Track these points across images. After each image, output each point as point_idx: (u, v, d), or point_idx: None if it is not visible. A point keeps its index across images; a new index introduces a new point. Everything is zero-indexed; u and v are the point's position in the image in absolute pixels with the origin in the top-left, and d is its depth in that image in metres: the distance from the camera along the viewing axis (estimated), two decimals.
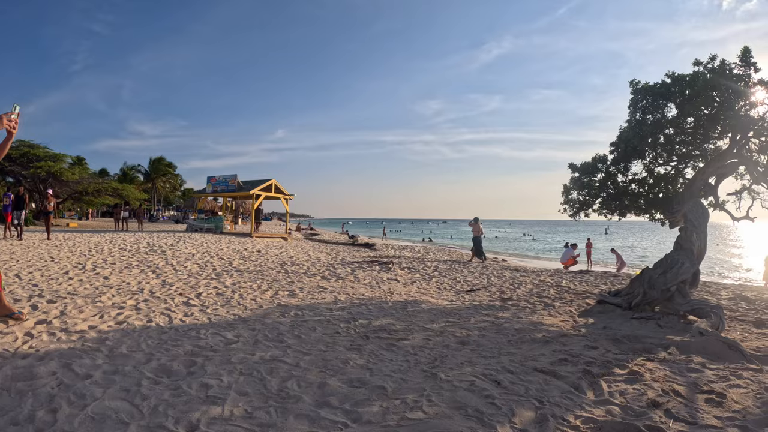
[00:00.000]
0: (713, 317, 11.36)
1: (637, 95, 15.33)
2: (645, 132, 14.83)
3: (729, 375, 7.89)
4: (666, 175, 16.12)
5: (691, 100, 14.09)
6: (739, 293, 18.95)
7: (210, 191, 42.48)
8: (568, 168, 16.17)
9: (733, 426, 5.89)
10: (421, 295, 15.57)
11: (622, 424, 5.77)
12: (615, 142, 15.65)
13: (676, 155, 15.77)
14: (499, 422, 5.64)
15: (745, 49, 14.21)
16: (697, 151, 15.49)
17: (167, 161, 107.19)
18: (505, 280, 20.10)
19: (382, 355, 8.42)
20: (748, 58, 14.16)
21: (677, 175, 16.16)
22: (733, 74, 14.02)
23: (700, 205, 14.99)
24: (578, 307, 14.50)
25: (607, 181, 15.64)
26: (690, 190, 14.92)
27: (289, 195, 42.84)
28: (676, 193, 15.28)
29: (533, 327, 11.39)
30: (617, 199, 15.59)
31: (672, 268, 13.67)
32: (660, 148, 15.56)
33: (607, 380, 7.35)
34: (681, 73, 14.73)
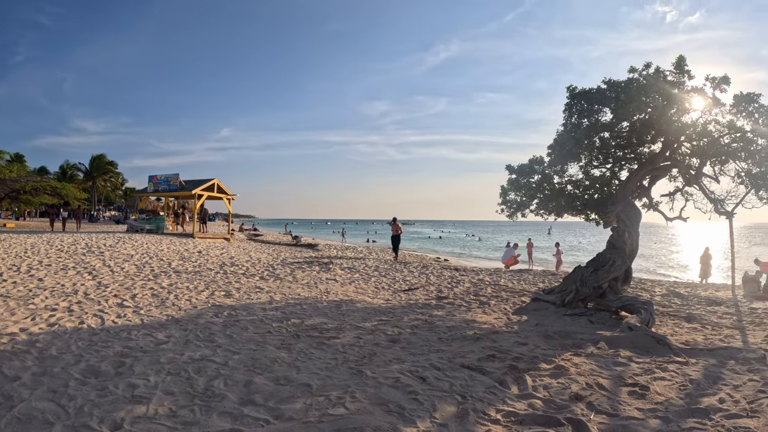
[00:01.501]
0: (643, 313, 11.49)
1: (573, 100, 15.52)
2: (580, 135, 15.00)
3: (654, 368, 7.97)
4: (601, 177, 16.33)
5: (626, 105, 14.32)
6: (673, 290, 19.48)
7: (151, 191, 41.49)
8: (506, 170, 16.27)
9: (654, 417, 5.92)
10: (358, 295, 15.39)
11: (544, 417, 5.78)
12: (551, 144, 15.78)
13: (611, 158, 16.02)
14: (419, 417, 5.62)
15: (680, 58, 14.56)
16: (632, 155, 15.77)
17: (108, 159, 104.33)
18: (444, 279, 20.21)
19: (312, 353, 8.32)
20: (682, 66, 14.50)
21: (612, 177, 16.41)
22: (667, 81, 14.32)
23: (633, 206, 15.27)
24: (513, 305, 14.54)
25: (544, 182, 15.75)
26: (623, 192, 15.15)
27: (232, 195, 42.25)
28: (610, 194, 15.50)
29: (466, 325, 11.36)
30: (553, 200, 15.70)
31: (603, 266, 13.88)
32: (596, 151, 15.75)
33: (533, 375, 7.34)
34: (617, 79, 15.00)
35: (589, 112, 15.18)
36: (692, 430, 5.62)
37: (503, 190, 16.25)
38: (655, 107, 14.19)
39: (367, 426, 5.26)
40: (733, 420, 5.94)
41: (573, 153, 15.25)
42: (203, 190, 39.38)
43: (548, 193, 15.69)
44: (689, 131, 14.57)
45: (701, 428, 5.66)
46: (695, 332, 11.66)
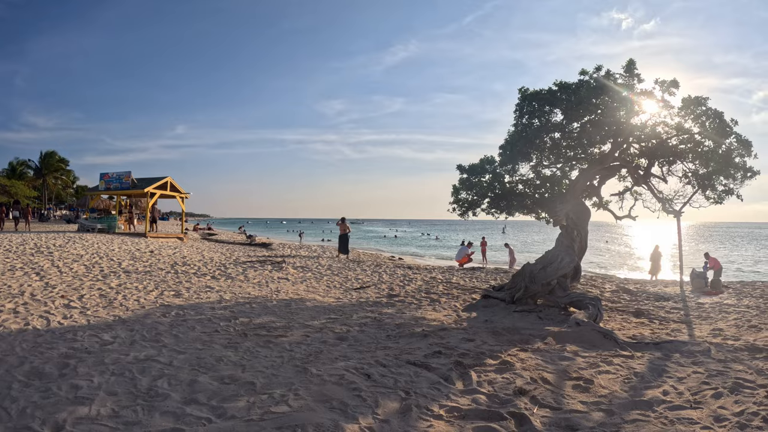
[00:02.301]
0: (591, 308, 11.60)
1: (525, 101, 15.57)
2: (530, 135, 15.09)
3: (600, 362, 8.01)
4: (552, 176, 16.45)
5: (576, 106, 14.45)
6: (623, 286, 19.78)
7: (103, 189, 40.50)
8: (457, 169, 16.28)
9: (598, 410, 5.93)
10: (309, 293, 15.30)
11: (487, 411, 5.75)
12: (503, 145, 15.81)
13: (562, 158, 16.14)
14: (362, 414, 5.57)
15: (630, 62, 14.77)
16: (583, 155, 15.91)
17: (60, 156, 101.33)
18: (397, 277, 20.22)
19: (258, 351, 8.19)
20: (632, 70, 14.71)
21: (563, 176, 16.55)
22: (617, 84, 14.49)
23: (582, 205, 15.43)
24: (464, 302, 14.57)
25: (495, 181, 15.78)
26: (573, 191, 15.29)
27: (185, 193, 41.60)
28: (560, 193, 15.61)
29: (415, 322, 11.32)
30: (504, 199, 15.75)
31: (552, 263, 13.98)
32: (547, 151, 15.87)
33: (478, 371, 7.29)
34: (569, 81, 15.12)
35: (540, 113, 15.26)
36: (635, 422, 5.62)
37: (455, 189, 16.24)
38: (605, 109, 14.34)
39: (308, 423, 5.19)
40: (677, 411, 5.98)
41: (524, 153, 15.31)
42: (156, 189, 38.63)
43: (499, 192, 15.72)
44: (638, 132, 14.80)
45: (644, 420, 5.66)
46: (643, 327, 11.84)
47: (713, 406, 6.23)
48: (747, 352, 9.29)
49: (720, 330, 11.73)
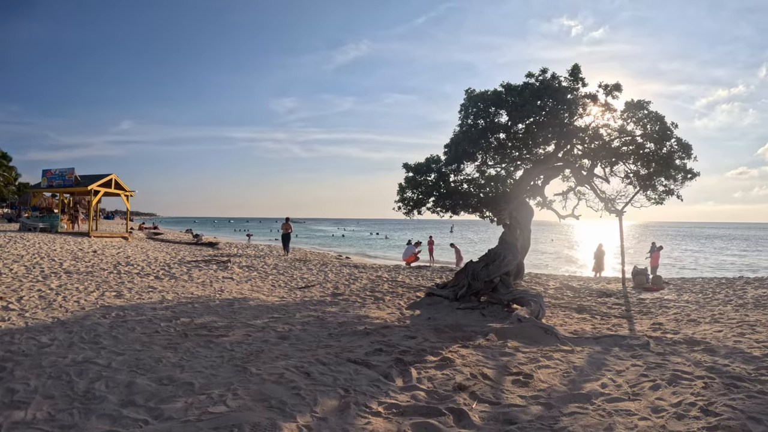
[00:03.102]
0: (533, 305, 11.73)
1: (470, 102, 15.67)
2: (475, 136, 15.17)
3: (540, 357, 8.05)
4: (496, 176, 16.63)
5: (521, 108, 14.58)
6: (566, 283, 20.16)
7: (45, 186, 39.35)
8: (403, 168, 16.30)
9: (536, 404, 5.94)
10: (253, 293, 15.11)
11: (426, 407, 5.72)
12: (448, 144, 15.90)
13: (507, 158, 16.28)
14: (300, 412, 5.50)
15: (575, 67, 15.04)
16: (528, 155, 16.08)
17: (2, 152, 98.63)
18: (342, 276, 20.16)
19: (198, 352, 8.02)
20: (577, 74, 14.97)
21: (507, 176, 16.74)
22: (562, 87, 14.67)
23: (525, 204, 15.63)
24: (408, 300, 14.57)
25: (440, 181, 15.87)
26: (517, 190, 15.46)
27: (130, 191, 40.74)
28: (505, 192, 15.75)
29: (358, 320, 11.25)
30: (449, 198, 15.85)
31: (495, 261, 14.11)
32: (492, 152, 15.98)
33: (418, 367, 7.26)
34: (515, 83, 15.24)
35: (485, 113, 15.35)
36: (573, 414, 5.63)
37: (400, 188, 16.26)
38: (550, 111, 14.49)
39: (245, 422, 5.14)
40: (615, 404, 6.03)
41: (468, 152, 15.40)
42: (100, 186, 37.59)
43: (444, 192, 15.79)
44: (582, 134, 15.01)
45: (582, 413, 5.68)
46: (584, 322, 12.03)
47: (651, 398, 6.31)
48: (685, 345, 9.48)
49: (660, 324, 11.98)
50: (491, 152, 16.05)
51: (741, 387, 6.82)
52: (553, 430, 5.27)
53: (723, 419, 5.59)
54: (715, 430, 5.36)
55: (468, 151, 15.32)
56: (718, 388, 6.77)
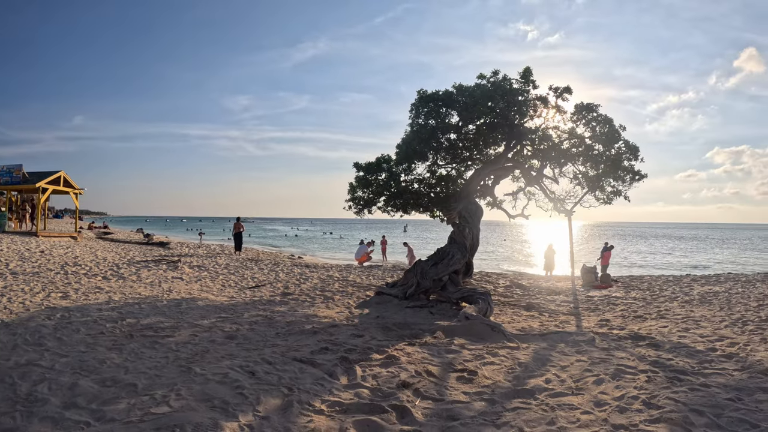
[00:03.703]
0: (481, 303, 11.77)
1: (422, 102, 15.69)
2: (425, 135, 15.20)
3: (485, 354, 8.06)
4: (447, 176, 16.71)
5: (471, 109, 14.65)
6: (516, 282, 20.33)
7: None
8: (354, 167, 16.27)
9: (480, 400, 5.93)
10: (202, 293, 14.88)
11: (369, 405, 5.68)
12: (399, 144, 15.92)
13: (458, 158, 16.36)
14: (242, 411, 5.43)
15: (527, 69, 15.22)
16: (479, 156, 16.19)
17: None
18: (293, 276, 20.06)
19: (143, 353, 7.84)
20: (528, 77, 15.13)
21: (458, 176, 16.83)
22: (513, 89, 14.78)
23: (475, 204, 15.72)
24: (358, 299, 14.51)
25: (391, 180, 15.86)
26: (467, 190, 15.55)
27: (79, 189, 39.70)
28: (455, 192, 15.82)
29: (306, 319, 11.14)
30: (400, 198, 15.87)
31: (443, 260, 14.16)
32: (444, 152, 16.05)
33: (363, 365, 7.20)
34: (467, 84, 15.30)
35: (436, 114, 15.38)
36: (516, 410, 5.63)
37: (351, 187, 16.21)
38: (500, 112, 14.57)
39: (187, 423, 5.07)
40: (558, 398, 6.06)
41: (419, 152, 15.42)
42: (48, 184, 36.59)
43: (394, 191, 15.78)
44: (532, 135, 15.16)
45: (525, 408, 5.69)
46: (532, 319, 12.13)
47: (594, 392, 6.35)
48: (630, 341, 9.62)
49: (607, 321, 12.13)
50: (442, 152, 16.12)
51: (684, 380, 6.94)
52: (495, 425, 5.26)
53: (665, 412, 5.66)
54: (656, 422, 5.41)
55: (418, 150, 15.34)
56: (661, 381, 6.87)
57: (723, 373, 7.50)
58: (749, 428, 5.34)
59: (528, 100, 14.98)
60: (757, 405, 6.01)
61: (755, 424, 5.43)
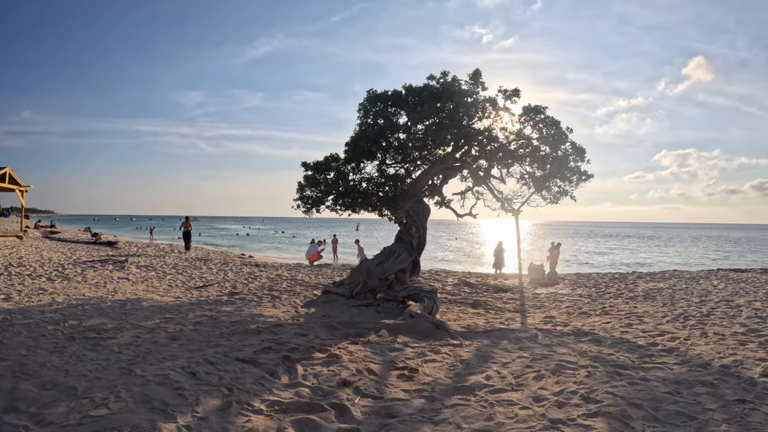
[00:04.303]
0: (426, 301, 11.82)
1: (370, 101, 15.68)
2: (373, 134, 15.21)
3: (428, 351, 8.09)
4: (396, 175, 16.74)
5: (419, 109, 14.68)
6: (465, 279, 20.48)
7: None
8: (302, 166, 16.18)
9: (420, 397, 5.95)
10: (147, 293, 14.63)
11: (308, 404, 5.64)
12: (348, 142, 15.89)
13: (408, 158, 16.41)
14: (181, 412, 5.35)
15: (476, 71, 15.28)
16: (429, 156, 16.25)
17: None
18: (242, 275, 19.86)
19: (84, 355, 7.64)
20: (477, 78, 15.17)
21: (407, 175, 16.86)
22: (462, 90, 14.84)
23: (422, 203, 15.79)
24: (305, 298, 14.42)
25: (339, 179, 15.82)
26: (414, 189, 15.58)
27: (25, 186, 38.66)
28: (403, 191, 15.86)
29: (251, 319, 11.01)
30: (348, 196, 15.85)
31: (389, 259, 14.21)
32: (393, 151, 16.08)
33: (305, 364, 7.15)
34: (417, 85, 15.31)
35: (385, 113, 15.39)
36: (455, 406, 5.66)
37: (300, 186, 16.13)
38: (448, 112, 14.64)
39: (125, 425, 5.01)
40: (498, 394, 6.11)
41: (367, 151, 15.41)
42: None
43: (342, 190, 15.76)
44: (480, 136, 15.26)
45: (464, 404, 5.72)
46: (478, 317, 12.24)
47: (534, 388, 6.44)
48: (573, 337, 9.78)
49: (552, 317, 12.34)
50: (392, 151, 16.14)
51: (624, 375, 7.08)
52: (433, 422, 5.28)
53: (603, 406, 5.75)
54: (594, 416, 5.50)
55: (367, 149, 15.32)
56: (600, 376, 7.00)
57: (663, 367, 7.68)
58: (687, 421, 5.47)
59: (477, 102, 15.05)
60: (695, 398, 6.17)
61: (693, 416, 5.57)
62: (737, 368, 7.68)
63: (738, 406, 5.90)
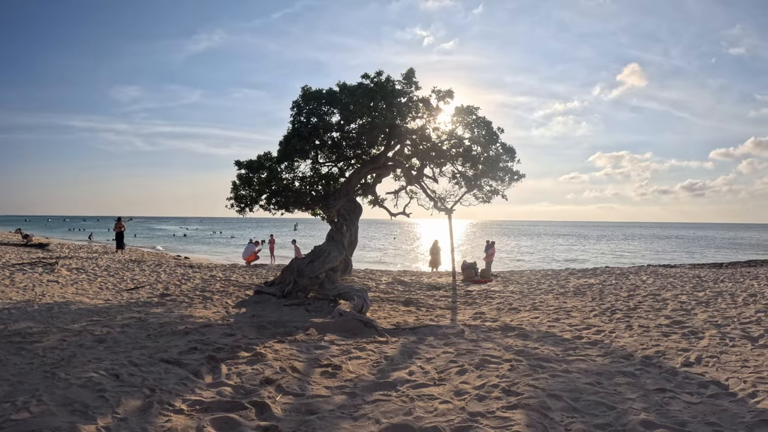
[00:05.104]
0: (356, 299, 11.89)
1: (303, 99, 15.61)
2: (305, 133, 15.16)
3: (353, 349, 8.15)
4: (329, 174, 16.75)
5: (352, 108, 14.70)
6: (399, 278, 20.56)
7: None
8: (235, 165, 16.04)
9: (341, 394, 6.00)
10: (77, 296, 14.26)
11: (229, 402, 5.63)
12: (281, 141, 15.80)
13: (342, 157, 16.42)
14: (102, 414, 5.27)
15: (410, 71, 15.39)
16: (364, 155, 16.27)
17: None
18: (175, 276, 19.54)
19: (8, 359, 7.39)
20: (411, 78, 15.25)
21: (341, 174, 16.88)
22: (395, 90, 14.90)
23: (354, 202, 15.88)
24: (237, 298, 14.26)
25: (272, 178, 15.73)
26: (346, 188, 15.63)
27: None
28: (336, 190, 15.87)
29: (180, 320, 10.83)
30: (281, 196, 15.79)
31: (319, 257, 14.21)
32: (327, 150, 16.08)
33: (229, 364, 7.10)
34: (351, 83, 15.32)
35: (318, 112, 15.34)
36: (376, 402, 5.73)
37: (234, 186, 15.99)
38: (380, 112, 14.68)
39: (46, 427, 4.95)
40: (419, 389, 6.20)
41: (300, 150, 15.34)
42: None
43: (275, 189, 15.68)
44: (413, 136, 15.40)
45: (385, 400, 5.79)
46: (409, 314, 12.36)
47: (456, 382, 6.56)
48: (500, 332, 9.99)
49: (482, 313, 12.53)
50: (326, 150, 16.14)
51: (546, 367, 7.27)
52: (353, 417, 5.33)
53: (523, 398, 5.89)
54: (514, 408, 5.63)
55: (299, 148, 15.26)
56: (523, 369, 7.17)
57: (586, 359, 7.93)
58: (606, 410, 5.66)
59: (410, 102, 15.13)
60: (616, 388, 6.38)
61: (612, 406, 5.76)
62: (659, 359, 8.00)
63: (658, 395, 6.15)
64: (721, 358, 8.05)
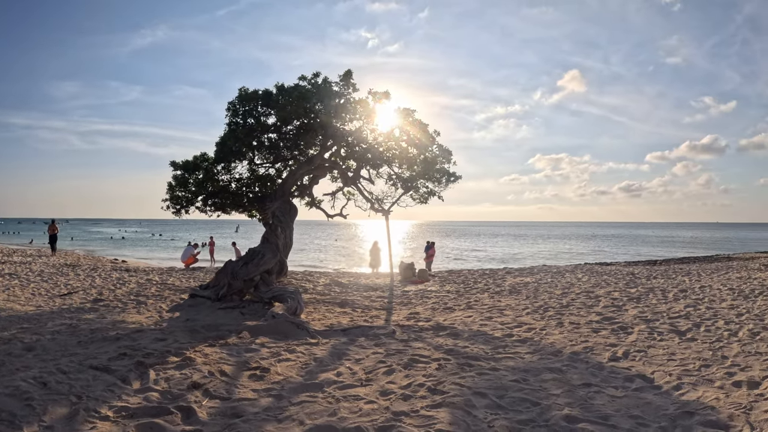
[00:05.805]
0: (290, 301, 11.93)
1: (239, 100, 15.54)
2: (241, 134, 15.08)
3: (283, 351, 8.21)
4: (266, 175, 16.70)
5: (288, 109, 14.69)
6: (336, 279, 20.70)
7: None
8: (170, 166, 15.85)
9: (268, 396, 6.06)
10: (7, 303, 13.79)
11: (156, 408, 5.63)
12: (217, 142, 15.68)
13: (280, 159, 16.39)
14: (28, 423, 5.21)
15: (347, 72, 15.42)
16: (301, 157, 16.27)
17: None
18: (111, 281, 19.16)
19: None
20: (348, 79, 15.29)
21: (278, 175, 16.85)
22: (332, 91, 14.93)
23: (289, 203, 15.89)
24: (172, 302, 14.05)
25: (208, 179, 15.63)
26: (282, 190, 15.62)
27: None
28: (272, 192, 15.84)
29: (112, 326, 10.64)
30: (218, 197, 15.70)
31: (254, 260, 14.17)
32: (265, 151, 16.02)
33: (158, 369, 7.05)
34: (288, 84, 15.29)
35: (254, 113, 15.30)
36: (302, 403, 5.81)
37: (170, 187, 15.81)
38: (317, 113, 14.72)
39: None
40: (345, 390, 6.32)
41: (236, 151, 15.26)
42: None
43: (212, 190, 15.59)
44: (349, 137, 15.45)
45: (311, 401, 5.89)
46: (344, 315, 12.45)
47: (383, 382, 6.70)
48: (432, 331, 10.17)
49: (416, 313, 12.70)
50: (263, 151, 16.08)
51: (474, 366, 7.47)
52: (277, 419, 5.40)
53: (448, 396, 6.06)
54: (438, 407, 5.79)
55: (235, 149, 15.19)
56: (451, 368, 7.35)
57: (514, 357, 8.16)
58: (530, 407, 5.85)
59: (347, 103, 15.20)
60: (542, 384, 6.61)
61: (536, 402, 5.97)
62: (587, 354, 8.30)
63: (583, 390, 6.40)
64: (648, 352, 8.43)
